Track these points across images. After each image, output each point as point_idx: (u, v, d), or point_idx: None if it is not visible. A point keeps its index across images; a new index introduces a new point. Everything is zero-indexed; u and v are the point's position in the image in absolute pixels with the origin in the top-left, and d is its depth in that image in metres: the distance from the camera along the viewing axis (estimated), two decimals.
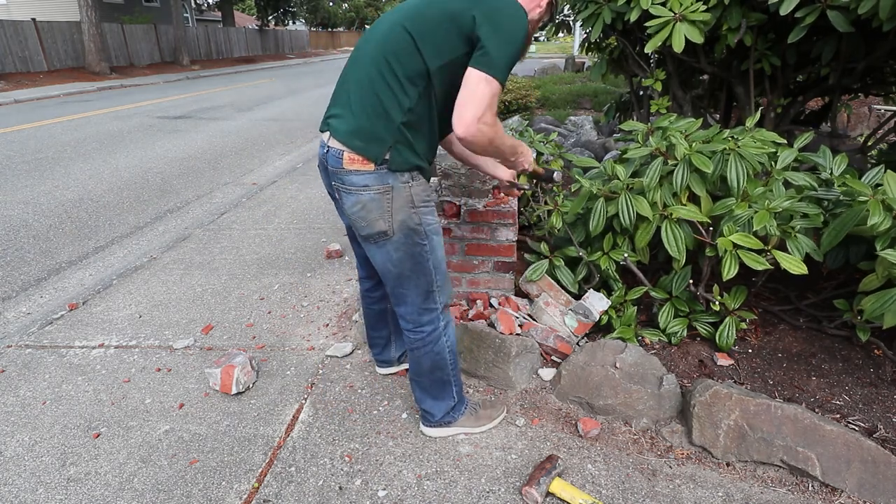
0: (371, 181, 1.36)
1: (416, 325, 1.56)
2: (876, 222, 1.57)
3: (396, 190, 1.39)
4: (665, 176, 1.99)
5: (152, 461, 1.65)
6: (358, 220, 1.42)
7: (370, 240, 1.45)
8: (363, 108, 1.34)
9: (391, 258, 1.46)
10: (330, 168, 1.41)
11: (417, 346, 1.59)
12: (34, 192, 4.47)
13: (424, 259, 1.48)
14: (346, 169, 1.37)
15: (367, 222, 1.41)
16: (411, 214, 1.43)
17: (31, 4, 16.82)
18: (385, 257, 1.47)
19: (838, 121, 5.02)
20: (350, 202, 1.40)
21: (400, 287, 1.52)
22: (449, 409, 1.69)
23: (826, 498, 1.48)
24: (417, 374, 1.65)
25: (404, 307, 1.55)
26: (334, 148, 1.38)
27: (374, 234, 1.43)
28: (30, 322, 2.49)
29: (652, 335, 2.10)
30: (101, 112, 8.91)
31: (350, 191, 1.39)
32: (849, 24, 1.94)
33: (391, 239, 1.43)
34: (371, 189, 1.37)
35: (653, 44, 2.21)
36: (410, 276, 1.49)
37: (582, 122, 6.01)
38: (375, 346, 1.97)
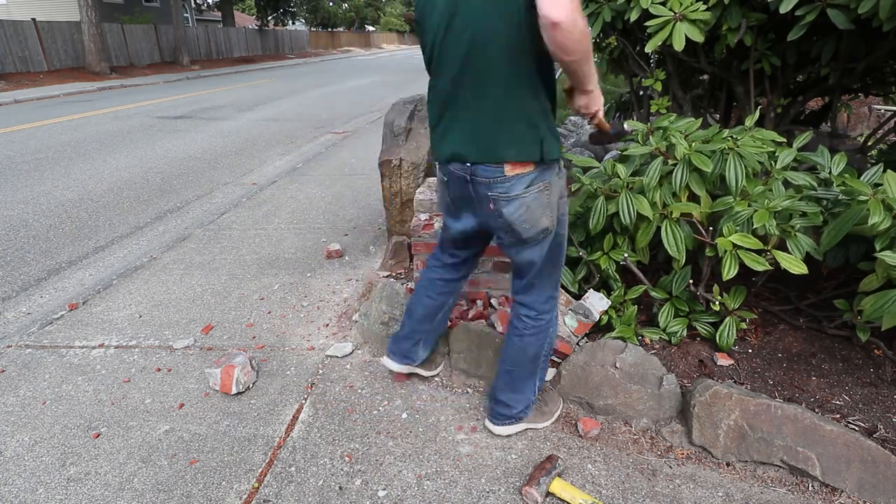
0: (533, 181, 1.37)
1: (540, 312, 1.58)
2: (876, 222, 1.57)
3: (553, 184, 1.41)
4: (665, 176, 1.99)
5: (152, 461, 1.65)
6: (521, 224, 1.40)
7: (530, 241, 1.45)
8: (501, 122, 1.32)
9: (542, 253, 1.48)
10: (483, 180, 1.38)
11: (532, 333, 1.59)
12: (34, 192, 4.47)
13: (563, 249, 1.55)
14: (508, 176, 1.35)
15: (531, 224, 1.40)
16: (563, 205, 1.48)
17: (31, 4, 16.83)
18: (537, 253, 1.48)
19: (838, 121, 5.01)
20: (513, 208, 1.38)
21: (537, 277, 1.54)
22: (528, 403, 1.68)
23: (826, 498, 1.48)
24: (514, 364, 1.63)
25: (533, 296, 1.57)
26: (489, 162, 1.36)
27: (538, 233, 1.43)
28: (30, 322, 2.49)
29: (652, 334, 2.10)
30: (101, 112, 8.91)
31: (512, 197, 1.37)
32: (849, 21, 1.94)
33: (549, 234, 1.46)
34: (533, 188, 1.37)
35: (653, 43, 2.21)
36: (549, 267, 1.53)
37: (582, 122, 6.01)
38: (408, 341, 1.85)
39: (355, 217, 3.78)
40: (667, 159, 1.99)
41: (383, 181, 2.82)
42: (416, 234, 2.29)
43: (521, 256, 1.51)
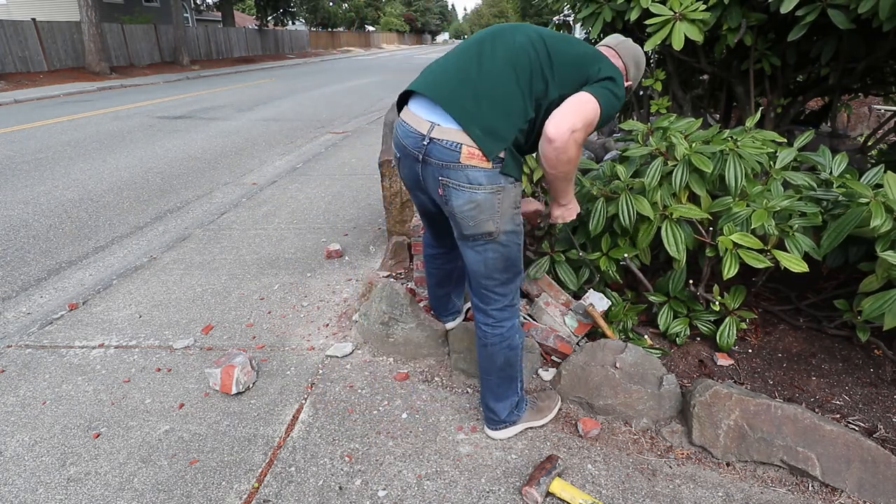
0: (486, 179, 1.35)
1: (498, 321, 1.56)
2: (878, 224, 1.57)
3: (506, 191, 1.39)
4: (665, 176, 1.99)
5: (152, 461, 1.65)
6: (466, 220, 1.41)
7: (471, 239, 1.45)
8: (493, 106, 1.33)
9: (487, 258, 1.47)
10: (436, 161, 1.36)
11: (495, 343, 1.57)
12: (34, 192, 4.47)
13: (516, 258, 1.52)
14: (463, 164, 1.34)
15: (475, 222, 1.40)
16: (514, 215, 1.45)
17: (31, 4, 16.83)
18: (481, 257, 1.48)
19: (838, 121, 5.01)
20: (462, 199, 1.37)
21: (487, 286, 1.53)
22: (513, 406, 1.68)
23: (826, 498, 1.48)
24: (487, 372, 1.63)
25: (489, 305, 1.56)
26: (448, 140, 1.33)
27: (479, 235, 1.43)
28: (30, 322, 2.49)
29: (655, 351, 2.10)
30: (101, 112, 8.91)
31: (462, 188, 1.36)
32: (849, 21, 1.94)
33: (493, 240, 1.44)
34: (486, 188, 1.36)
35: (652, 42, 2.21)
36: (500, 276, 1.51)
37: None
38: (440, 303, 2.09)
39: (355, 217, 3.78)
40: (667, 160, 1.99)
41: (383, 181, 2.82)
42: (416, 234, 2.29)
43: (466, 255, 1.51)
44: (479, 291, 1.55)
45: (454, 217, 1.43)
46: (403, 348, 2.12)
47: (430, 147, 1.36)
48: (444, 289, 2.04)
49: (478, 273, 1.51)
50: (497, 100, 1.33)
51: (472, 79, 1.35)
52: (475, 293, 1.58)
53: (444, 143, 1.34)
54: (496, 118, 1.33)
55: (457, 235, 1.49)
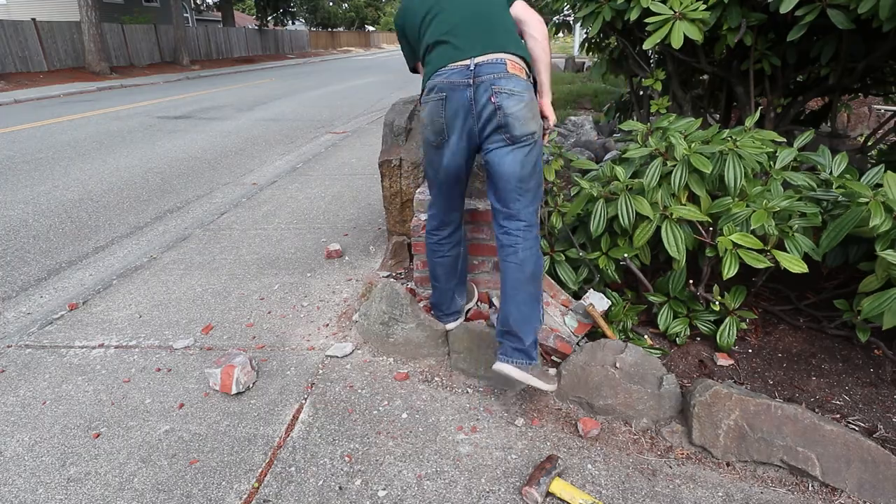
0: (526, 87, 1.64)
1: (529, 223, 1.71)
2: (877, 224, 1.57)
3: (534, 99, 1.69)
4: (665, 176, 1.98)
5: (152, 461, 1.65)
6: (518, 120, 1.61)
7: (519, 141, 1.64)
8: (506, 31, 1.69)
9: (525, 159, 1.66)
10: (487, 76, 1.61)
11: (527, 247, 1.70)
12: (34, 192, 4.47)
13: (541, 160, 1.75)
14: (510, 73, 1.62)
15: (524, 122, 1.62)
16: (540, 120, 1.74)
17: (31, 4, 16.83)
18: (521, 159, 1.66)
19: (838, 121, 5.01)
20: (514, 102, 1.60)
21: (524, 188, 1.69)
22: (536, 333, 1.72)
23: (826, 498, 1.49)
24: (516, 287, 1.70)
25: (524, 207, 1.70)
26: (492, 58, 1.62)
27: (526, 134, 1.64)
28: (30, 322, 2.49)
29: (655, 351, 2.10)
30: (101, 112, 8.91)
31: (514, 93, 1.61)
32: (849, 21, 1.94)
33: (534, 140, 1.67)
34: (528, 92, 1.64)
35: (652, 40, 2.21)
36: (533, 176, 1.70)
37: (582, 122, 6.00)
38: (444, 300, 2.09)
39: (355, 217, 3.78)
40: (666, 160, 1.99)
41: (383, 181, 2.82)
42: (416, 234, 2.29)
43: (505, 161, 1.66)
44: (514, 196, 1.69)
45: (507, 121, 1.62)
46: (403, 348, 2.12)
47: (478, 69, 1.62)
48: (450, 281, 2.05)
49: (515, 176, 1.67)
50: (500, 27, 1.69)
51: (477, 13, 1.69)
52: (508, 200, 1.70)
53: (490, 61, 1.62)
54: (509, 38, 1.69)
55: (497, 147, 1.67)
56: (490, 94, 1.61)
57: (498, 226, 1.76)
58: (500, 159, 1.67)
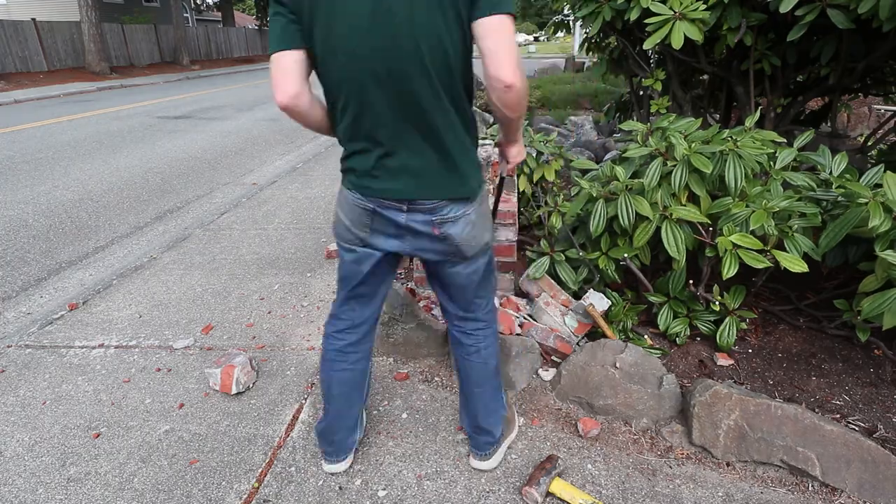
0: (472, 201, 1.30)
1: (488, 322, 1.53)
2: (876, 224, 1.57)
3: (483, 197, 1.36)
4: (665, 176, 1.99)
5: (152, 461, 1.65)
6: (468, 242, 1.32)
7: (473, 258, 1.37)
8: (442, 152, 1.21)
9: (479, 267, 1.41)
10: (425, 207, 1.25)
11: (488, 345, 1.52)
12: (34, 192, 4.47)
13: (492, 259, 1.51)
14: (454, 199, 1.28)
15: (476, 240, 1.34)
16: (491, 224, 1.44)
17: (31, 4, 16.82)
18: (474, 268, 1.40)
19: (838, 121, 5.01)
20: (459, 228, 1.29)
21: (479, 291, 1.47)
22: (503, 420, 1.60)
23: (826, 498, 1.49)
24: (481, 383, 1.53)
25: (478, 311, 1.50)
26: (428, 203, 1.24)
27: (481, 248, 1.37)
28: (30, 322, 2.49)
29: (655, 351, 2.10)
30: (101, 112, 8.91)
31: (457, 219, 1.28)
32: (849, 21, 1.94)
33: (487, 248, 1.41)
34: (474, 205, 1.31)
35: (652, 40, 2.21)
36: (489, 278, 1.48)
37: (582, 122, 6.01)
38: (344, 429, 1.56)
39: None
40: (666, 160, 1.99)
41: None
42: None
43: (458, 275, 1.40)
44: (469, 304, 1.47)
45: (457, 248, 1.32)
46: (403, 348, 2.12)
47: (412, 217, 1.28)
48: (354, 406, 1.57)
49: (470, 284, 1.43)
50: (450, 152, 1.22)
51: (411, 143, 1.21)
52: (463, 308, 1.48)
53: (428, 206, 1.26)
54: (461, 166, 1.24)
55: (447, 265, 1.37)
56: (431, 227, 1.28)
57: (453, 325, 1.53)
58: (452, 273, 1.40)
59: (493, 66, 1.06)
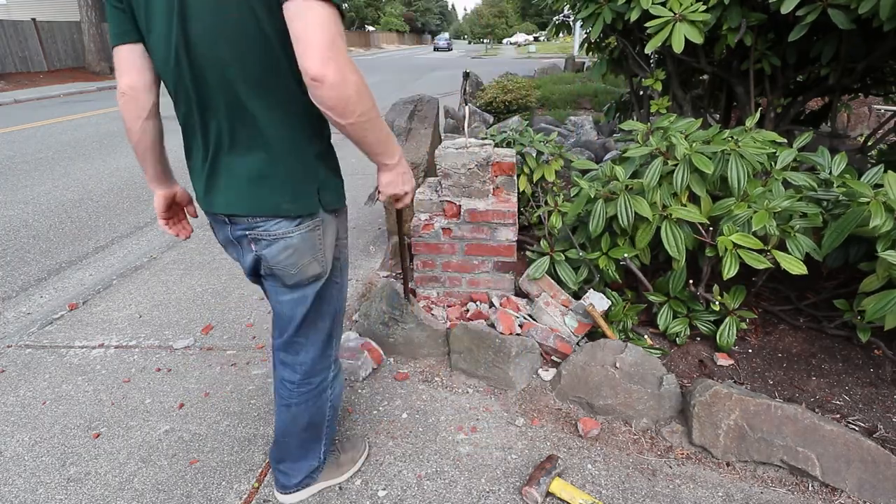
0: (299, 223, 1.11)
1: (306, 376, 1.32)
2: (878, 224, 1.57)
3: (326, 223, 1.15)
4: (665, 176, 1.98)
5: (152, 461, 1.65)
6: (286, 269, 1.14)
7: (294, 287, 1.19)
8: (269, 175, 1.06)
9: (306, 302, 1.21)
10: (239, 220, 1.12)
11: (299, 402, 1.34)
12: (34, 192, 4.47)
13: (335, 299, 1.28)
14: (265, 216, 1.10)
15: (297, 269, 1.14)
16: (341, 248, 1.24)
17: (31, 4, 16.81)
18: (299, 302, 1.21)
19: (838, 121, 5.01)
20: (275, 250, 1.11)
21: (301, 335, 1.27)
22: (311, 470, 1.46)
23: (826, 498, 1.49)
24: (285, 434, 1.39)
25: (299, 356, 1.30)
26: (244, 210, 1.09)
27: (306, 280, 1.18)
28: (30, 322, 2.49)
29: (655, 351, 2.10)
30: (101, 112, 8.91)
31: (275, 237, 1.10)
32: (850, 21, 1.94)
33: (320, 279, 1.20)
34: (301, 228, 1.10)
35: (653, 44, 2.21)
36: (317, 320, 1.26)
37: (582, 122, 6.01)
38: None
39: (355, 217, 3.78)
40: (667, 159, 1.99)
41: None
42: (416, 234, 2.29)
43: (281, 304, 1.23)
44: (290, 342, 1.28)
45: (273, 271, 1.16)
46: (403, 348, 2.12)
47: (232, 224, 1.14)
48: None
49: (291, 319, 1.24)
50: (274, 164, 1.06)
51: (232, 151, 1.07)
52: (281, 346, 1.31)
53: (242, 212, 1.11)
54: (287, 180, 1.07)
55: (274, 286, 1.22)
56: (247, 240, 1.13)
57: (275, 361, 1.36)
58: (275, 296, 1.24)
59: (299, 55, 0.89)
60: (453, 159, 2.14)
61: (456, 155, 2.14)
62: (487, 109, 7.16)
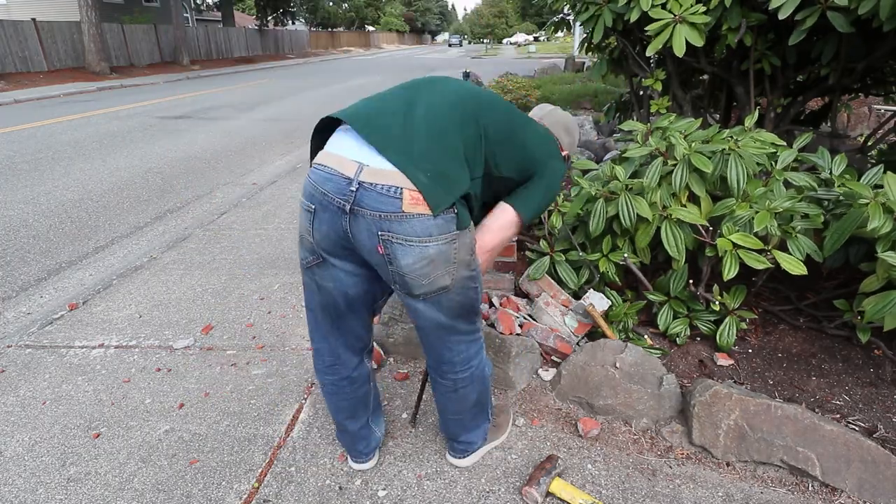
0: (436, 229, 1.09)
1: (465, 365, 1.37)
2: (876, 226, 1.57)
3: (462, 237, 1.16)
4: (665, 176, 1.99)
5: (152, 461, 1.65)
6: (417, 279, 1.15)
7: (422, 297, 1.20)
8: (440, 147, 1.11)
9: (443, 309, 1.23)
10: (370, 212, 1.07)
11: (465, 385, 1.39)
12: (34, 192, 4.47)
13: (475, 298, 1.30)
14: (406, 213, 1.07)
15: (429, 280, 1.15)
16: (471, 261, 1.22)
17: (31, 4, 16.82)
18: (435, 311, 1.23)
19: (838, 121, 5.01)
20: (412, 258, 1.10)
21: (447, 335, 1.30)
22: (486, 432, 1.58)
23: (826, 498, 1.49)
24: (458, 413, 1.47)
25: (454, 355, 1.34)
26: (382, 184, 1.06)
27: (433, 292, 1.18)
28: (30, 322, 2.49)
29: (655, 351, 2.10)
30: (101, 112, 8.90)
31: (411, 242, 1.09)
32: (849, 24, 1.94)
33: (448, 292, 1.21)
34: (438, 238, 1.10)
35: (653, 46, 2.22)
36: (459, 320, 1.29)
37: (582, 122, 6.01)
38: (357, 440, 1.54)
39: None
40: (666, 159, 1.99)
41: None
42: None
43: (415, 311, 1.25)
44: (440, 348, 1.33)
45: (402, 278, 1.15)
46: (403, 348, 2.12)
47: (359, 194, 1.07)
48: (359, 420, 1.51)
49: (433, 326, 1.27)
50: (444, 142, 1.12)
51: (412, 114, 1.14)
52: (433, 352, 1.35)
53: (380, 188, 1.06)
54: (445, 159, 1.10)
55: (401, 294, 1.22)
56: (376, 241, 1.11)
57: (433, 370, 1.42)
58: (410, 305, 1.24)
59: None
60: None
61: None
62: None
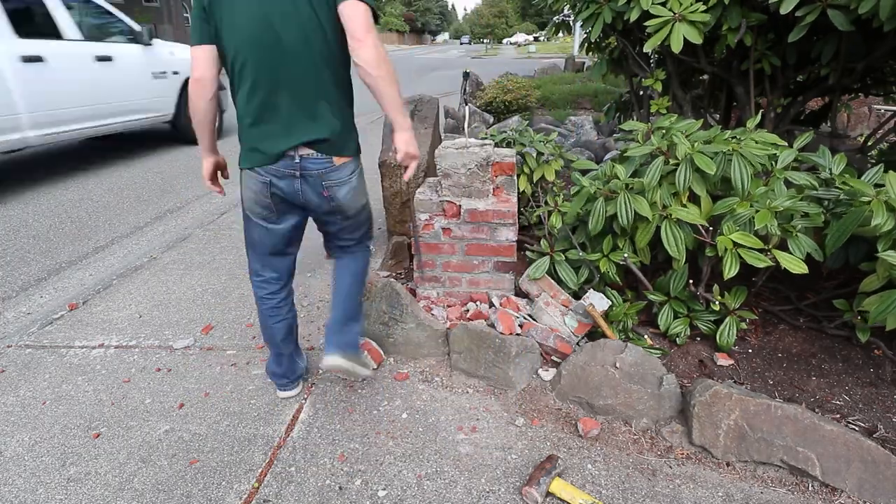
0: (353, 166, 1.65)
1: (367, 239, 1.86)
2: (879, 223, 1.57)
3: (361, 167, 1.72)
4: (665, 175, 1.98)
5: (152, 461, 1.65)
6: (350, 203, 1.66)
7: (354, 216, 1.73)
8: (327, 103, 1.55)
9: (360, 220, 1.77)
10: (314, 172, 1.58)
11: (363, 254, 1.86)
12: (34, 192, 4.47)
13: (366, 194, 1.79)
14: (337, 165, 1.59)
15: (356, 202, 1.68)
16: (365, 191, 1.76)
17: None
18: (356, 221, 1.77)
19: (838, 121, 5.01)
20: (344, 192, 1.63)
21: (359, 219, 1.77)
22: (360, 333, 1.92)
23: (826, 498, 1.49)
24: (359, 292, 1.88)
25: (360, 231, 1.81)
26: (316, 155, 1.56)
27: (360, 209, 1.73)
28: (30, 322, 2.49)
29: (655, 351, 2.10)
30: None
31: (343, 181, 1.62)
32: (849, 22, 1.94)
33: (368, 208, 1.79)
34: (355, 174, 1.66)
35: (651, 43, 2.21)
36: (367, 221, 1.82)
37: (582, 122, 6.01)
38: (289, 366, 1.90)
39: None
40: (668, 159, 1.99)
41: (383, 181, 2.82)
42: (416, 233, 2.29)
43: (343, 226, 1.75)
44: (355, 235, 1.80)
45: (339, 208, 1.65)
46: (403, 348, 2.12)
47: (304, 163, 1.56)
48: (289, 344, 1.88)
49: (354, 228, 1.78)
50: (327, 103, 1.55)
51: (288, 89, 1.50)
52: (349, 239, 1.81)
53: (314, 158, 1.56)
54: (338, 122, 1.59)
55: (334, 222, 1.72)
56: (321, 189, 1.60)
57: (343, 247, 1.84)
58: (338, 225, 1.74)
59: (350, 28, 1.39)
60: (453, 159, 2.14)
61: (456, 155, 2.14)
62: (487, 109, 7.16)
